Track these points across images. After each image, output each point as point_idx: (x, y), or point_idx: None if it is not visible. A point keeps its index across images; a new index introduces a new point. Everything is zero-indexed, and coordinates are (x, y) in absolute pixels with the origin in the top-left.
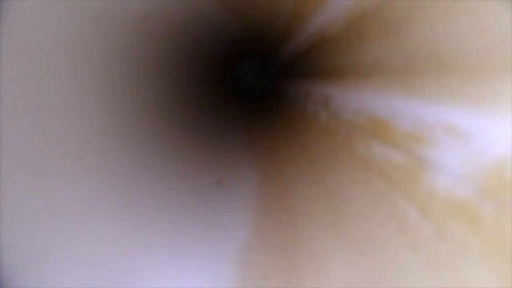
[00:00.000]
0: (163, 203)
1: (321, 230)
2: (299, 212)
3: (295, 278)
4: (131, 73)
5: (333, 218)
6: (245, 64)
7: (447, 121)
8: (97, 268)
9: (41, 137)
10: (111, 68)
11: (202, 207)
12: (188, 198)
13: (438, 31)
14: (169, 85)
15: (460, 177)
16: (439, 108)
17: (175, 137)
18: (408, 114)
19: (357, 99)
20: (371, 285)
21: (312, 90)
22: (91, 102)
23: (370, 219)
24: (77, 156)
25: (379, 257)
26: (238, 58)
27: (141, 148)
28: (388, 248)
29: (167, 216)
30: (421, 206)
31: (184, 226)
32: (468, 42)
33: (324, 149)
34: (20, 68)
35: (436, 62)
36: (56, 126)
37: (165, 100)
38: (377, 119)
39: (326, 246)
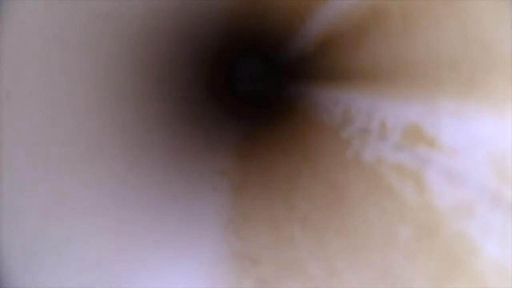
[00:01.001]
0: (159, 205)
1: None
2: (301, 210)
3: (294, 276)
4: (132, 73)
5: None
6: (249, 66)
7: (448, 120)
8: (98, 268)
9: (41, 136)
10: (111, 69)
11: (197, 207)
12: (183, 200)
13: (442, 33)
14: (170, 86)
15: (462, 177)
16: (442, 108)
17: (174, 138)
18: (408, 113)
19: (363, 101)
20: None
21: (318, 92)
22: (90, 102)
23: (370, 215)
24: (76, 156)
25: (383, 246)
26: (242, 59)
27: (138, 149)
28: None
29: (165, 217)
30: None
31: (180, 226)
32: (470, 43)
33: (326, 150)
34: (21, 68)
35: (437, 63)
36: (55, 126)
37: (166, 102)
38: (382, 119)
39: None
